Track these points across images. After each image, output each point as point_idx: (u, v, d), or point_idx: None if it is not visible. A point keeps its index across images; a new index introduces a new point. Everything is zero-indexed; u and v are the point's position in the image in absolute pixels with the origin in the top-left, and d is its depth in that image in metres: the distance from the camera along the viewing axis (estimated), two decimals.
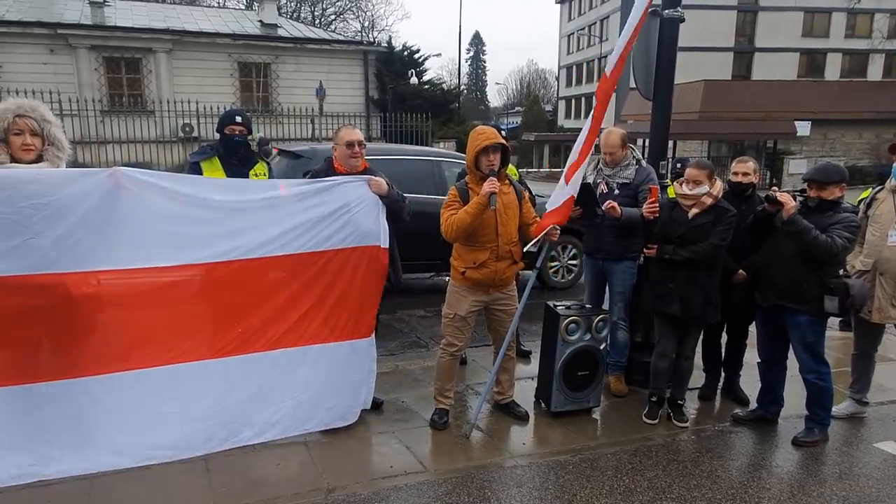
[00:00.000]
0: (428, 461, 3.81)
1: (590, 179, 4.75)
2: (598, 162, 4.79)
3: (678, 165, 6.51)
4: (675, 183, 4.31)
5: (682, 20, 4.76)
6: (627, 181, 4.58)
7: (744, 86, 34.63)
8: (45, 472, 3.32)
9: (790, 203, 3.86)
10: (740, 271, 4.37)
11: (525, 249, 4.14)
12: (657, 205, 4.24)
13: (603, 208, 4.40)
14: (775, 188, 4.11)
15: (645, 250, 4.34)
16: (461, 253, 4.09)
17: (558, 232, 4.11)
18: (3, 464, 3.25)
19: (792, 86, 34.03)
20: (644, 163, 4.72)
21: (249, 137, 4.33)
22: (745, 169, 4.46)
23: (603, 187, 4.64)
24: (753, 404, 4.53)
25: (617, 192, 4.58)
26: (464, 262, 4.06)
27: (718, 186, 4.16)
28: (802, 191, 4.07)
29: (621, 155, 4.63)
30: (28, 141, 3.21)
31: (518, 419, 4.38)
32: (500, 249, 4.00)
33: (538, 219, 4.20)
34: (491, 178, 3.85)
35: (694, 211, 4.13)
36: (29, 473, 3.29)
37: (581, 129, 4.22)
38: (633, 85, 5.17)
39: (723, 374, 4.89)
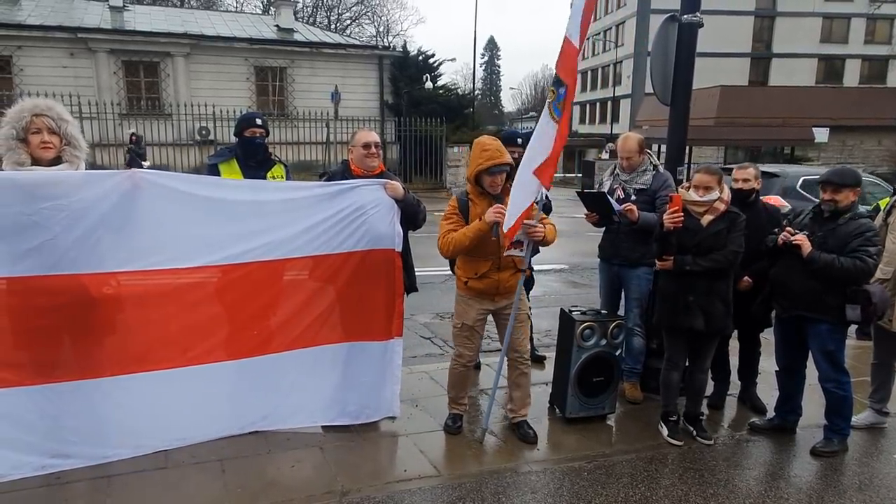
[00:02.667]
0: (442, 465, 3.81)
1: (606, 185, 4.74)
2: (615, 167, 4.78)
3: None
4: (681, 189, 4.23)
5: (701, 25, 4.72)
6: (644, 187, 4.55)
7: (761, 92, 34.34)
8: (65, 464, 3.40)
9: (807, 246, 3.82)
10: (745, 278, 4.33)
11: (505, 254, 3.87)
12: (681, 214, 3.94)
13: (621, 209, 4.36)
14: (789, 230, 4.01)
15: (658, 262, 4.13)
16: (462, 263, 4.05)
17: (540, 228, 3.81)
18: (24, 457, 3.32)
19: (810, 92, 33.70)
20: (661, 168, 4.70)
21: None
22: (746, 175, 4.42)
23: (620, 193, 4.62)
24: (771, 413, 4.48)
25: (634, 197, 4.54)
26: (465, 273, 4.01)
27: (727, 192, 4.11)
28: (818, 205, 4.02)
29: (638, 160, 4.61)
30: (46, 139, 3.24)
31: (525, 442, 4.08)
32: (502, 260, 3.91)
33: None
34: (497, 205, 3.71)
35: (708, 217, 4.02)
36: (50, 465, 3.36)
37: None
38: (649, 90, 5.14)
39: (739, 382, 4.83)
